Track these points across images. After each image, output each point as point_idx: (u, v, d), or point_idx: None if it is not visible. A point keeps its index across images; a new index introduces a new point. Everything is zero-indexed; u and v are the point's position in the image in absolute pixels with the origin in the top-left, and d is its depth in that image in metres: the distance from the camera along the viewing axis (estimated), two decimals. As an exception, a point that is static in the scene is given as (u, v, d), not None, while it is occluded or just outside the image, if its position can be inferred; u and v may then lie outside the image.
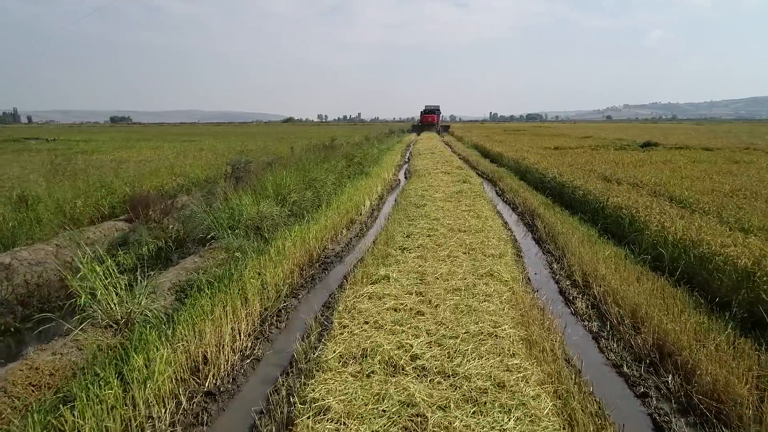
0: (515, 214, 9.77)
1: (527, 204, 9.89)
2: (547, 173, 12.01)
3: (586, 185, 9.32)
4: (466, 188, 11.13)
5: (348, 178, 12.42)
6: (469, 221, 7.43)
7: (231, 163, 11.01)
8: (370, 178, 13.29)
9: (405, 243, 6.19)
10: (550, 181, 11.28)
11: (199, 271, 5.49)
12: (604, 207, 7.81)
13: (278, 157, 12.43)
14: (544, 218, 8.29)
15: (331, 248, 7.18)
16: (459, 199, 9.63)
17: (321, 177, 10.19)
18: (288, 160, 12.39)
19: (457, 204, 9.12)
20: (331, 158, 12.48)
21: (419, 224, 7.25)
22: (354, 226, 8.58)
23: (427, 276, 4.82)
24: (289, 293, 5.27)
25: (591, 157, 15.69)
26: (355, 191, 10.59)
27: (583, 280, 5.43)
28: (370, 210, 9.95)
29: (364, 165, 14.62)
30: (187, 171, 12.16)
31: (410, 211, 8.38)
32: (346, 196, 9.80)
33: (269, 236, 6.62)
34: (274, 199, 8.04)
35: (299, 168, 10.57)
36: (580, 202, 9.07)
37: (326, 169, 11.31)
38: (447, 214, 8.01)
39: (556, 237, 7.11)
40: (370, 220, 9.14)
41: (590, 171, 11.87)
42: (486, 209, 8.72)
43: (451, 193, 10.32)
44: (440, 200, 9.54)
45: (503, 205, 10.61)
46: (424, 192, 10.52)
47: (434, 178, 13.20)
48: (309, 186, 9.56)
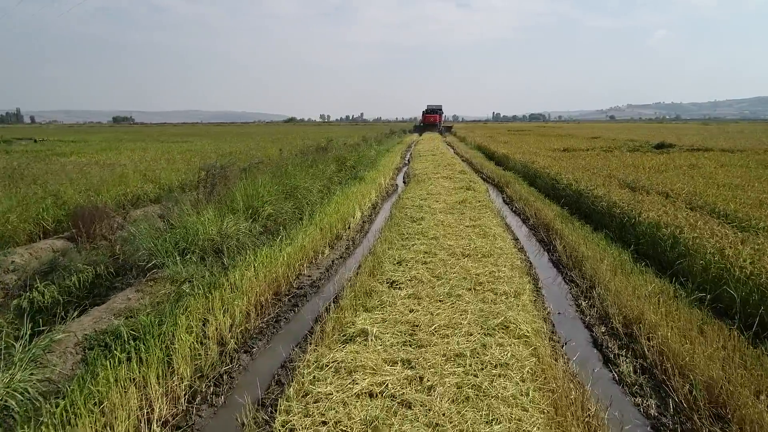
0: (526, 227, 8.51)
1: (540, 216, 8.63)
2: (560, 179, 10.75)
3: (609, 195, 8.04)
4: (470, 196, 9.87)
5: (339, 185, 11.19)
6: (475, 241, 6.18)
7: (205, 168, 9.78)
8: (364, 183, 12.06)
9: (395, 273, 4.94)
10: (565, 189, 10.01)
11: (128, 313, 4.27)
12: (636, 223, 6.54)
13: (261, 160, 11.22)
14: (563, 236, 7.02)
15: (307, 275, 5.94)
16: (462, 211, 8.37)
17: (305, 185, 8.95)
18: (272, 165, 11.16)
19: (460, 217, 7.86)
20: (319, 162, 11.26)
21: (414, 246, 6.00)
22: (339, 244, 7.34)
23: (420, 330, 3.57)
24: (241, 345, 4.03)
25: (605, 159, 14.40)
26: (344, 200, 9.36)
27: (623, 326, 4.17)
28: (360, 223, 8.71)
29: (358, 169, 13.39)
30: (161, 176, 10.95)
31: (405, 227, 7.14)
32: (333, 207, 8.56)
33: (229, 262, 5.39)
34: (243, 213, 6.81)
35: (280, 174, 9.34)
36: (602, 215, 7.81)
37: (312, 174, 10.07)
38: (448, 232, 6.76)
39: (581, 262, 5.84)
40: (359, 235, 7.90)
41: (609, 176, 10.60)
42: (493, 224, 7.46)
43: (453, 203, 9.06)
44: (441, 212, 8.29)
45: (512, 217, 9.34)
46: (423, 201, 9.26)
47: (435, 183, 11.95)
48: (290, 195, 8.32)
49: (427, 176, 13.39)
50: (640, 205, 7.11)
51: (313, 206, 8.53)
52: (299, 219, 7.73)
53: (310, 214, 8.01)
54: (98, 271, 5.56)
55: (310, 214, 8.01)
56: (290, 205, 7.98)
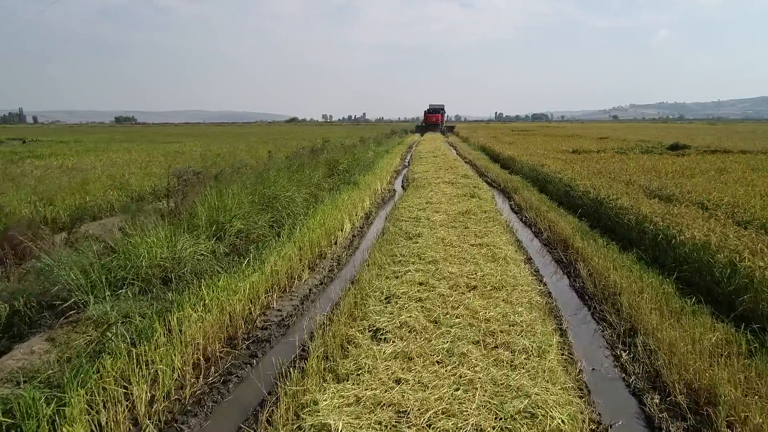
0: (539, 241, 7.41)
1: (556, 229, 7.52)
2: (575, 185, 9.63)
3: (637, 206, 6.93)
4: (474, 206, 8.76)
5: (329, 191, 10.10)
6: (482, 267, 5.08)
7: (177, 174, 8.72)
8: (358, 189, 10.97)
9: (381, 317, 3.84)
10: (582, 197, 8.89)
11: (24, 376, 3.20)
12: (677, 244, 5.42)
13: (245, 164, 10.14)
14: (585, 257, 5.91)
15: (276, 308, 4.86)
16: (466, 224, 7.27)
17: (286, 193, 7.86)
18: (255, 169, 10.08)
19: (463, 232, 6.76)
20: (307, 166, 10.17)
21: (408, 273, 4.90)
22: (322, 264, 6.26)
23: (408, 421, 2.48)
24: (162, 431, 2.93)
25: (621, 162, 13.26)
26: (333, 210, 8.27)
27: (688, 398, 3.07)
28: (349, 237, 7.62)
29: (352, 173, 12.29)
30: (131, 181, 9.89)
31: (399, 246, 6.04)
32: (318, 219, 7.48)
33: (175, 296, 4.31)
34: (206, 230, 5.73)
35: (261, 181, 8.25)
36: (629, 229, 6.70)
37: (298, 180, 8.98)
38: (450, 253, 5.66)
39: (613, 293, 4.74)
40: (346, 253, 6.81)
41: (629, 183, 9.48)
42: (503, 241, 6.36)
43: (455, 215, 7.96)
44: (441, 225, 7.19)
45: (523, 229, 8.23)
46: (421, 212, 8.16)
47: (435, 190, 10.85)
48: (267, 207, 7.24)
49: (428, 181, 12.28)
50: (678, 219, 5.99)
51: (296, 219, 7.45)
52: (277, 235, 6.65)
53: (290, 228, 6.94)
54: (16, 306, 4.50)
55: (290, 228, 6.94)
56: (267, 218, 6.90)
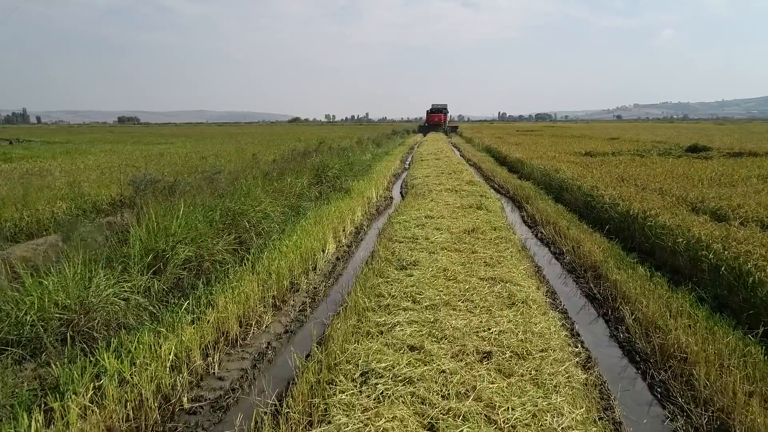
0: (561, 265, 6.11)
1: (581, 252, 6.21)
2: (597, 195, 8.30)
3: (685, 226, 5.60)
4: (483, 220, 7.46)
5: (316, 201, 8.82)
6: (498, 318, 3.77)
7: (134, 183, 7.47)
8: (350, 198, 9.69)
9: (351, 418, 2.55)
10: (608, 210, 7.57)
11: None
12: (756, 284, 4.10)
13: (219, 170, 8.88)
14: (629, 297, 4.58)
15: (217, 376, 3.56)
16: (473, 247, 5.96)
17: (257, 207, 6.57)
18: (233, 174, 8.79)
19: (470, 259, 5.46)
20: (288, 173, 8.88)
21: (397, 328, 3.60)
22: (294, 300, 4.97)
23: None
24: None
25: (643, 167, 11.91)
26: (316, 226, 6.99)
27: None
28: (332, 260, 6.32)
29: (344, 179, 11.00)
30: (88, 190, 8.64)
31: (388, 282, 4.73)
32: (295, 239, 6.19)
33: (62, 372, 3.03)
34: (140, 261, 4.44)
35: (229, 192, 6.97)
36: (673, 253, 5.39)
37: (276, 190, 7.68)
38: (453, 292, 4.36)
39: (682, 362, 3.43)
40: (325, 284, 5.51)
41: (662, 193, 8.16)
42: (521, 272, 5.05)
43: (460, 233, 6.65)
44: (443, 248, 5.88)
45: (540, 249, 6.92)
46: (419, 230, 6.86)
47: (437, 199, 9.55)
48: (231, 226, 5.95)
49: (428, 188, 10.98)
50: (745, 247, 4.68)
51: (268, 239, 6.16)
52: (241, 261, 5.37)
53: (260, 250, 5.66)
54: None
55: (260, 250, 5.66)
56: (230, 240, 5.61)
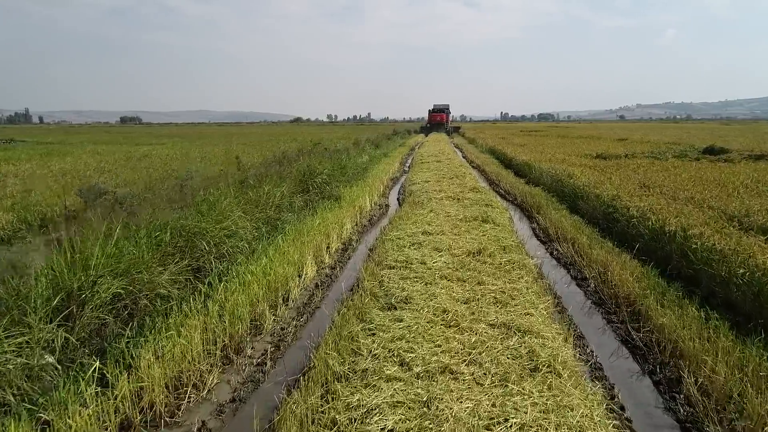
0: (583, 295, 5.04)
1: (610, 279, 5.11)
2: (622, 207, 7.20)
3: (743, 251, 4.51)
4: (490, 238, 6.37)
5: (299, 212, 7.74)
6: (515, 392, 2.70)
7: (82, 194, 6.43)
8: (340, 208, 8.63)
9: None
10: (637, 224, 6.48)
11: None
12: None
13: (190, 176, 7.82)
14: (684, 352, 3.50)
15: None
16: (479, 276, 4.87)
17: (221, 225, 5.49)
18: (209, 179, 7.73)
19: (476, 294, 4.37)
20: (267, 180, 7.80)
21: (375, 419, 2.53)
22: (253, 348, 3.91)
23: None
24: None
25: (664, 172, 10.79)
26: (292, 247, 5.91)
27: None
28: (310, 289, 5.25)
29: (335, 185, 9.93)
30: (47, 200, 7.60)
31: (370, 334, 3.65)
32: (264, 263, 5.12)
33: None
34: (45, 306, 3.38)
35: (194, 204, 5.90)
36: (732, 286, 4.31)
37: (250, 201, 6.61)
38: (455, 348, 3.27)
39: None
40: (296, 323, 4.43)
41: (696, 203, 7.06)
42: (541, 315, 3.96)
43: (463, 255, 5.56)
44: (442, 278, 4.79)
45: (556, 271, 5.83)
46: (415, 250, 5.77)
47: (437, 209, 8.46)
48: (185, 249, 4.88)
49: (428, 196, 9.89)
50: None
51: (232, 262, 5.09)
52: (192, 295, 4.31)
53: (217, 280, 4.60)
54: None
55: (217, 280, 4.60)
56: (181, 268, 4.55)
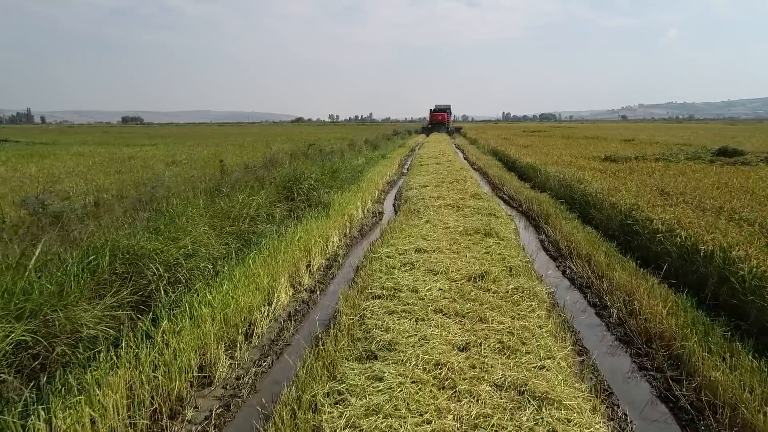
0: (606, 329, 4.21)
1: (638, 310, 4.27)
2: (644, 218, 6.36)
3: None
4: (494, 257, 5.52)
5: (278, 222, 6.90)
6: None
7: (27, 205, 5.61)
8: (327, 218, 7.80)
9: None
10: (664, 241, 5.63)
11: None
12: None
13: (156, 184, 7.00)
14: (748, 423, 2.67)
15: None
16: (482, 310, 4.02)
17: (179, 244, 4.66)
18: (189, 184, 6.91)
19: (477, 337, 3.52)
20: (241, 188, 6.95)
21: None
22: (193, 411, 3.09)
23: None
24: None
25: (683, 176, 9.92)
26: (264, 267, 5.07)
27: None
28: (278, 324, 4.41)
29: (324, 190, 9.10)
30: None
31: (337, 402, 2.82)
32: (225, 289, 4.29)
33: None
34: None
35: (153, 218, 5.07)
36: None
37: (218, 213, 5.79)
38: (451, 427, 2.44)
39: None
40: (256, 371, 3.60)
41: (728, 215, 6.21)
42: (559, 366, 3.13)
43: (462, 281, 4.72)
44: (436, 313, 3.95)
45: (570, 293, 4.99)
46: (406, 273, 4.92)
47: (434, 220, 7.62)
48: (127, 276, 4.06)
49: (425, 203, 9.05)
50: None
51: (188, 289, 4.27)
52: (132, 332, 3.48)
53: (168, 311, 3.77)
54: None
55: (168, 311, 3.77)
56: (118, 301, 3.72)
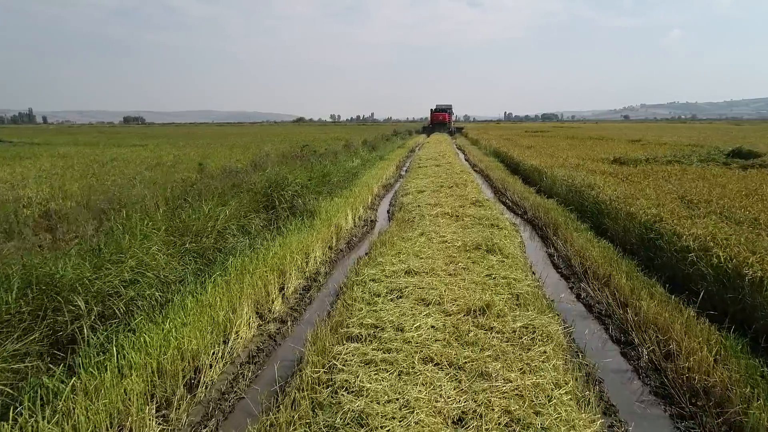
0: (635, 375, 3.38)
1: (672, 351, 3.45)
2: (670, 232, 5.52)
3: None
4: (498, 282, 4.69)
5: (253, 236, 6.08)
6: None
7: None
8: (311, 228, 6.98)
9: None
10: (697, 262, 4.78)
11: None
12: None
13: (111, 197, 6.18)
14: None
15: None
16: (483, 359, 3.17)
17: (120, 268, 3.84)
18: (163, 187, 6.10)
19: (476, 401, 2.69)
20: (208, 198, 6.12)
21: None
22: None
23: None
24: None
25: (703, 181, 9.06)
26: (220, 297, 4.25)
27: None
28: (232, 369, 3.59)
29: (310, 197, 8.27)
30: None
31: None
32: (167, 329, 3.47)
33: None
34: None
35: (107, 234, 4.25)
36: None
37: (174, 228, 4.97)
38: None
39: None
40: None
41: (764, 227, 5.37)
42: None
43: (460, 316, 3.87)
44: (424, 361, 3.12)
45: (587, 323, 4.16)
46: (391, 306, 4.08)
47: (429, 232, 6.78)
48: (44, 314, 3.24)
49: (421, 211, 8.21)
50: None
51: (124, 325, 3.45)
52: (27, 396, 2.66)
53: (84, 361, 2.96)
54: None
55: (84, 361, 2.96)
56: (29, 343, 2.91)
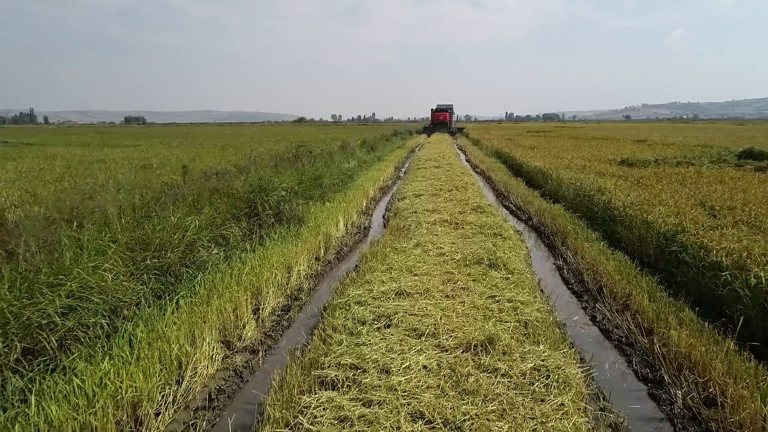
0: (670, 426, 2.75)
1: (711, 394, 2.81)
2: (696, 244, 4.88)
3: None
4: (502, 306, 4.05)
5: (230, 247, 5.45)
6: None
7: None
8: (297, 237, 6.35)
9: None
10: (732, 281, 4.15)
11: None
12: None
13: (72, 210, 5.58)
14: None
15: None
16: (485, 414, 2.56)
17: (55, 294, 3.22)
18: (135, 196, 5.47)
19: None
20: (179, 207, 5.50)
21: None
22: None
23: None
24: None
25: (721, 185, 8.40)
26: (176, 327, 3.63)
27: None
28: (187, 416, 2.98)
29: (299, 202, 7.64)
30: None
31: None
32: (103, 370, 2.85)
33: None
34: None
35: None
36: None
37: (138, 243, 4.33)
38: None
39: None
40: None
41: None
42: None
43: (458, 351, 3.20)
44: (412, 417, 2.50)
45: (619, 371, 3.52)
46: (377, 339, 3.44)
47: (425, 243, 6.14)
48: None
49: (417, 218, 7.57)
50: None
51: (44, 373, 2.83)
52: None
53: None
54: None
55: None
56: None
